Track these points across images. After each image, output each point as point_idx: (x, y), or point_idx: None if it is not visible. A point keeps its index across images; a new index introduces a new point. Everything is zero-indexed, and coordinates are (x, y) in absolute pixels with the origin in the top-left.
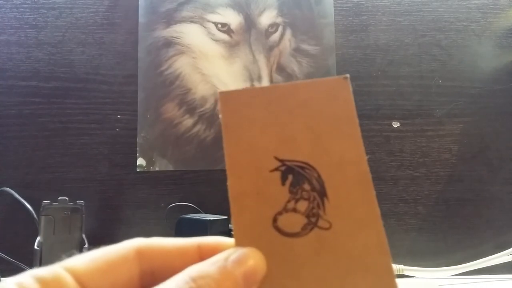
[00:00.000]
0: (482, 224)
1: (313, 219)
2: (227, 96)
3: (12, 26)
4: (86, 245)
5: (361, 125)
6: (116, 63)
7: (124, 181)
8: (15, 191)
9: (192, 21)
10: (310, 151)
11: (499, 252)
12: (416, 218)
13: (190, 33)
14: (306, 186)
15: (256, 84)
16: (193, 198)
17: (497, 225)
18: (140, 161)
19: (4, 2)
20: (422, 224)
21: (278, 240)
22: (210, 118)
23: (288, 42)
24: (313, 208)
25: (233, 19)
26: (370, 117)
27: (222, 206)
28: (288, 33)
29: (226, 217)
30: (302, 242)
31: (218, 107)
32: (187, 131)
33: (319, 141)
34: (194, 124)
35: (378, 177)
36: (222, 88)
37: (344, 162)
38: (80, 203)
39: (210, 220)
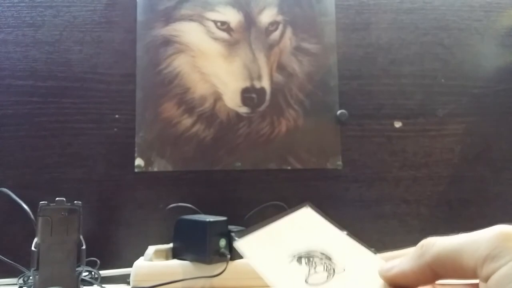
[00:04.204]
0: (485, 225)
1: (331, 271)
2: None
3: (9, 24)
4: (84, 246)
5: (362, 125)
6: (114, 62)
7: (122, 181)
8: (12, 192)
9: (191, 19)
10: (308, 243)
11: None
12: (418, 219)
13: (189, 32)
14: (317, 259)
15: (256, 83)
16: (192, 198)
17: None
18: (138, 161)
19: (2, 1)
20: (424, 225)
21: None
22: (210, 118)
23: (288, 40)
24: (327, 266)
25: (233, 17)
26: (372, 116)
27: (221, 207)
28: (289, 32)
29: (225, 218)
30: (330, 285)
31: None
32: (186, 130)
33: (311, 236)
34: (193, 124)
35: (379, 178)
36: (222, 87)
37: (333, 240)
38: (78, 204)
39: (209, 221)
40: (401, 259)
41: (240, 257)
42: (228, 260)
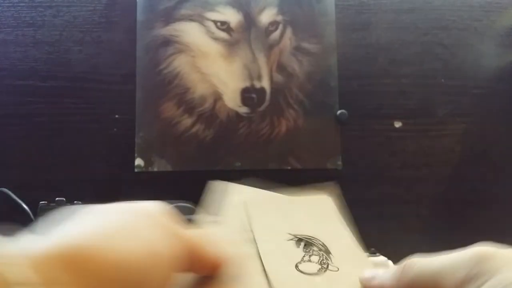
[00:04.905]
0: (485, 225)
1: (324, 266)
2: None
3: (9, 24)
4: None
5: (362, 124)
6: (114, 62)
7: (122, 181)
8: (12, 192)
9: (191, 19)
10: (313, 230)
11: None
12: (418, 220)
13: (189, 32)
14: (315, 248)
15: (256, 83)
16: (192, 199)
17: (501, 226)
18: (138, 161)
19: (1, 1)
20: (424, 226)
21: (303, 277)
22: (209, 118)
23: (288, 40)
24: (323, 260)
25: (233, 17)
26: (372, 116)
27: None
28: (289, 32)
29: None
30: (320, 278)
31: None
32: (186, 131)
33: (319, 225)
34: (193, 124)
35: (379, 178)
36: (221, 87)
37: (339, 236)
38: (78, 204)
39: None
40: (384, 272)
41: None
42: None
